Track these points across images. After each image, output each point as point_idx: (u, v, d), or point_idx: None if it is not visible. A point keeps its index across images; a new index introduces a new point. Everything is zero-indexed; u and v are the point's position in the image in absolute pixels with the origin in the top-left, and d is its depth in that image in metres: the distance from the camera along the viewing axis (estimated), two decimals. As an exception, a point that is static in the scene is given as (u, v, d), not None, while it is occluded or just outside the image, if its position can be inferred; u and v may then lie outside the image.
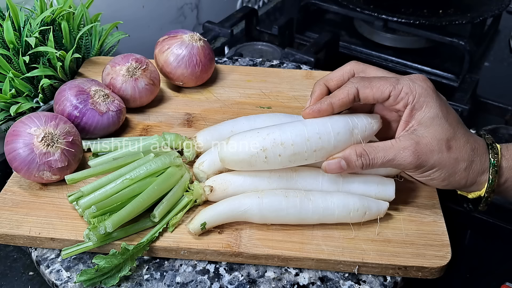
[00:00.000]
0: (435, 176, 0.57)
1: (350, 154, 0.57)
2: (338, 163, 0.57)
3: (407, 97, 0.56)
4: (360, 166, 0.57)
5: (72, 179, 0.62)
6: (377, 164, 0.56)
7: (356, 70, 0.62)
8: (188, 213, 0.62)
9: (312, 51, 1.03)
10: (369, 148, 0.57)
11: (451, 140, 0.56)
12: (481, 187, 0.58)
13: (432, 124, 0.56)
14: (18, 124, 0.62)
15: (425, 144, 0.55)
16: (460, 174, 0.57)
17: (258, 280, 0.57)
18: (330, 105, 0.58)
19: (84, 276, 0.54)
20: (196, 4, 1.18)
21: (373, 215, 0.59)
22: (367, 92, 0.57)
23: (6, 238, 0.60)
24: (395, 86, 0.56)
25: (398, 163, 0.56)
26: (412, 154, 0.55)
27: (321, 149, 0.57)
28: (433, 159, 0.55)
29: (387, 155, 0.56)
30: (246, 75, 0.86)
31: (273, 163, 0.57)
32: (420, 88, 0.56)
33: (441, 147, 0.55)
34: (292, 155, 0.57)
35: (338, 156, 0.57)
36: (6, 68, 0.73)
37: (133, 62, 0.74)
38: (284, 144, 0.56)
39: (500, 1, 1.12)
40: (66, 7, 0.78)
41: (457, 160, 0.56)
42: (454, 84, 1.06)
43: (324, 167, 0.58)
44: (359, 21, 1.22)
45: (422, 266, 0.57)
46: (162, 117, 0.77)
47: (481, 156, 0.57)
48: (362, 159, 0.57)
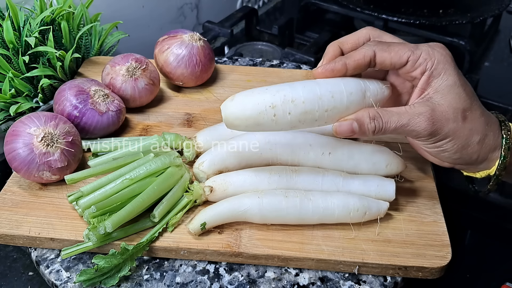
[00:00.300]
0: (447, 147, 0.56)
1: (363, 116, 0.55)
2: (350, 125, 0.55)
3: (425, 63, 0.55)
4: (373, 129, 0.55)
5: (72, 179, 0.62)
6: (390, 128, 0.55)
7: (372, 35, 0.60)
8: (188, 213, 0.62)
9: (312, 51, 1.03)
10: (383, 111, 0.55)
11: (467, 110, 0.55)
12: (491, 165, 0.57)
13: (450, 92, 0.54)
14: (17, 124, 0.62)
15: (441, 111, 0.54)
16: (473, 148, 0.55)
17: (258, 280, 0.57)
18: (344, 65, 0.56)
19: (84, 276, 0.54)
20: (196, 4, 1.18)
21: (373, 215, 0.59)
22: (385, 55, 0.55)
23: (6, 238, 0.60)
24: (414, 51, 0.55)
25: (411, 129, 0.54)
26: (427, 121, 0.54)
27: (333, 109, 0.54)
28: (448, 127, 0.54)
29: (401, 120, 0.54)
30: (246, 75, 0.86)
31: (282, 122, 0.54)
32: (439, 55, 0.55)
33: (457, 116, 0.54)
34: (302, 113, 0.53)
35: (351, 118, 0.55)
36: (6, 68, 0.73)
37: (133, 62, 0.74)
38: (295, 101, 0.53)
39: (500, 1, 1.12)
40: (66, 7, 0.78)
41: (471, 131, 0.55)
42: (454, 84, 1.06)
43: (335, 128, 0.55)
44: (359, 21, 1.22)
45: (422, 266, 0.57)
46: (162, 117, 0.77)
47: (495, 132, 0.56)
48: (375, 122, 0.55)
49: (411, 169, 0.68)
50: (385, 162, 0.62)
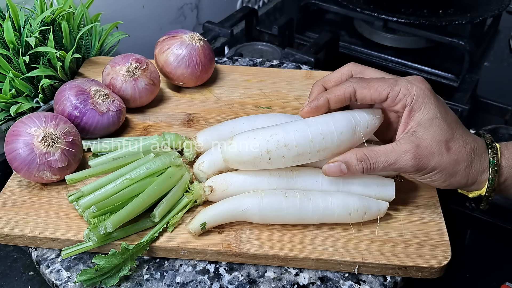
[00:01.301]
0: (436, 178, 0.57)
1: (350, 158, 0.57)
2: (339, 166, 0.57)
3: (405, 99, 0.56)
4: (361, 170, 0.57)
5: (72, 179, 0.62)
6: (378, 168, 0.57)
7: (354, 72, 0.62)
8: (188, 213, 0.62)
9: (312, 51, 1.03)
10: (370, 152, 0.57)
11: (450, 141, 0.56)
12: (481, 186, 0.58)
13: (431, 125, 0.56)
14: (18, 124, 0.62)
15: (425, 146, 0.55)
16: (460, 174, 0.57)
17: (258, 280, 0.57)
18: (327, 101, 0.58)
19: (84, 276, 0.54)
20: (196, 4, 1.18)
21: (373, 215, 0.59)
22: (364, 92, 0.57)
23: (6, 238, 0.60)
24: (393, 87, 0.57)
25: (399, 167, 0.56)
26: (413, 158, 0.55)
27: (324, 149, 0.57)
28: (434, 161, 0.56)
29: (389, 159, 0.56)
30: (246, 75, 0.86)
31: (276, 164, 0.58)
32: (418, 90, 0.56)
33: (441, 149, 0.56)
34: (296, 156, 0.57)
35: (339, 160, 0.58)
36: (6, 68, 0.73)
37: (133, 62, 0.74)
38: (288, 146, 0.57)
39: (500, 1, 1.12)
40: (66, 7, 0.78)
41: (456, 161, 0.56)
42: (454, 84, 1.06)
43: (325, 170, 0.58)
44: (359, 21, 1.22)
45: (422, 266, 0.57)
46: (162, 117, 0.77)
47: (481, 156, 0.57)
48: (363, 163, 0.57)
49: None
50: (385, 162, 0.62)
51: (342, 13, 1.17)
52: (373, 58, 1.14)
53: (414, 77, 0.58)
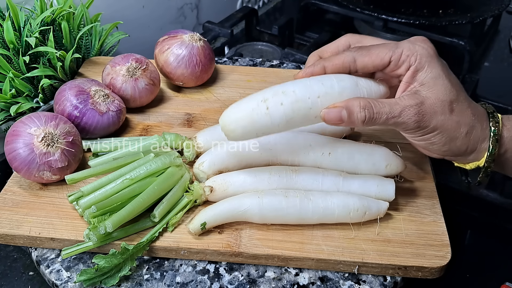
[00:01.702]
0: (436, 140, 0.56)
1: (353, 105, 0.53)
2: (339, 112, 0.53)
3: (408, 59, 0.55)
4: (363, 119, 0.53)
5: (72, 179, 0.62)
6: (381, 119, 0.54)
7: (351, 42, 0.61)
8: (188, 213, 0.62)
9: (312, 51, 1.02)
10: (375, 101, 0.54)
11: (454, 102, 0.55)
12: (480, 156, 0.56)
13: (435, 84, 0.54)
14: (18, 124, 0.62)
15: (429, 104, 0.54)
16: (461, 140, 0.55)
17: (258, 280, 0.57)
18: (323, 68, 0.57)
19: (84, 276, 0.54)
20: (196, 4, 1.18)
21: (373, 215, 0.59)
22: (365, 60, 0.56)
23: (6, 238, 0.60)
24: (395, 50, 0.55)
25: (402, 121, 0.54)
26: (417, 113, 0.53)
27: (325, 95, 0.54)
28: (436, 120, 0.54)
29: (393, 111, 0.53)
30: (246, 75, 0.86)
31: (276, 115, 0.53)
32: (421, 49, 0.55)
33: (444, 109, 0.54)
34: (295, 102, 0.53)
35: (340, 105, 0.54)
36: (6, 68, 0.73)
37: (133, 62, 0.74)
38: (285, 92, 0.53)
39: (500, 1, 1.12)
40: (66, 7, 0.78)
41: (458, 123, 0.55)
42: (454, 84, 1.06)
43: (323, 114, 0.54)
44: (359, 21, 1.22)
45: (422, 266, 0.57)
46: (162, 117, 0.77)
47: (482, 123, 0.56)
48: (366, 111, 0.53)
49: (411, 169, 0.68)
50: (385, 162, 0.62)
51: (342, 13, 1.17)
52: (373, 58, 1.14)
53: (416, 38, 0.57)
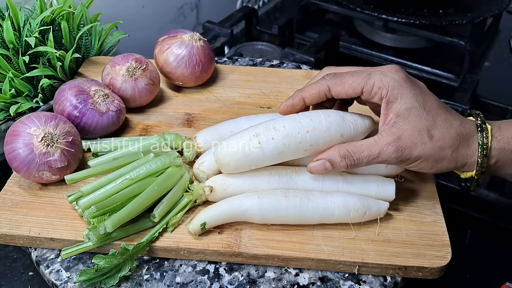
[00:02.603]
0: (422, 166, 0.57)
1: (333, 156, 0.57)
2: (323, 164, 0.58)
3: (380, 92, 0.56)
4: (345, 167, 0.57)
5: (72, 179, 0.62)
6: (362, 163, 0.57)
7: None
8: (188, 213, 0.62)
9: (312, 51, 1.03)
10: (353, 148, 0.57)
11: (432, 128, 0.56)
12: (472, 168, 0.57)
13: (410, 115, 0.56)
14: (17, 124, 0.62)
15: (407, 137, 0.55)
16: (447, 160, 0.56)
17: (258, 280, 0.57)
18: (301, 98, 0.60)
19: (84, 276, 0.54)
20: (196, 4, 1.18)
21: (373, 215, 0.59)
22: (339, 89, 0.58)
23: (6, 238, 0.60)
24: (367, 81, 0.57)
25: (383, 160, 0.56)
26: (396, 150, 0.55)
27: (313, 130, 0.57)
28: (417, 151, 0.55)
29: (372, 153, 0.56)
30: (246, 75, 0.86)
31: (268, 149, 0.57)
32: (391, 81, 0.56)
33: (423, 138, 0.55)
34: (285, 136, 0.57)
35: (322, 158, 0.58)
36: (6, 68, 0.73)
37: (133, 62, 0.74)
38: (276, 127, 0.57)
39: (500, 1, 1.12)
40: (66, 7, 0.78)
41: (441, 148, 0.56)
42: (454, 84, 1.06)
43: (310, 169, 0.59)
44: (359, 21, 1.22)
45: (422, 266, 0.57)
46: (162, 117, 0.77)
47: (469, 139, 0.57)
48: (346, 160, 0.57)
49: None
50: (385, 162, 0.62)
51: (342, 13, 1.17)
52: (373, 58, 1.14)
53: (388, 67, 0.58)
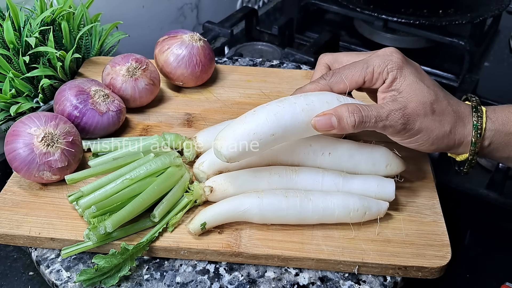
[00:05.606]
0: (422, 141, 0.57)
1: (342, 111, 0.55)
2: (329, 119, 0.55)
3: (381, 76, 0.57)
4: (352, 124, 0.55)
5: (72, 179, 0.62)
6: (370, 122, 0.55)
7: (328, 62, 0.63)
8: (188, 213, 0.62)
9: (312, 51, 1.03)
10: (362, 106, 0.56)
11: (434, 103, 0.56)
12: (467, 149, 0.58)
13: (412, 89, 0.56)
14: (18, 124, 0.62)
15: (412, 108, 0.56)
16: (446, 136, 0.57)
17: (258, 280, 0.57)
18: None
19: (84, 276, 0.54)
20: (196, 4, 1.18)
21: (373, 215, 0.59)
22: (341, 87, 0.58)
23: (6, 238, 0.60)
24: (366, 70, 0.57)
25: (389, 124, 0.56)
26: (403, 116, 0.55)
27: (308, 95, 0.57)
28: (420, 122, 0.56)
29: (380, 114, 0.55)
30: (246, 75, 0.86)
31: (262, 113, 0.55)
32: (390, 63, 0.57)
33: (426, 111, 0.56)
34: (280, 101, 0.56)
35: (329, 112, 0.55)
36: (6, 68, 0.73)
37: (133, 62, 0.74)
38: (270, 104, 0.56)
39: (500, 1, 1.12)
40: (66, 7, 0.78)
41: (441, 122, 0.56)
42: (454, 84, 1.06)
43: (313, 122, 0.55)
44: (359, 21, 1.22)
45: (422, 266, 0.57)
46: (162, 117, 0.77)
47: (464, 119, 0.57)
48: (355, 115, 0.55)
49: (411, 169, 0.68)
50: (385, 162, 0.62)
51: (342, 13, 1.17)
52: (373, 58, 1.14)
53: (383, 51, 0.59)
